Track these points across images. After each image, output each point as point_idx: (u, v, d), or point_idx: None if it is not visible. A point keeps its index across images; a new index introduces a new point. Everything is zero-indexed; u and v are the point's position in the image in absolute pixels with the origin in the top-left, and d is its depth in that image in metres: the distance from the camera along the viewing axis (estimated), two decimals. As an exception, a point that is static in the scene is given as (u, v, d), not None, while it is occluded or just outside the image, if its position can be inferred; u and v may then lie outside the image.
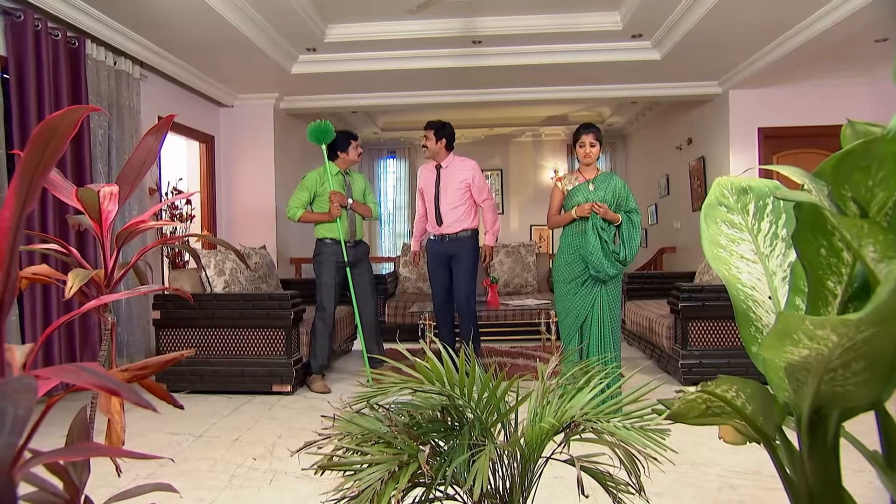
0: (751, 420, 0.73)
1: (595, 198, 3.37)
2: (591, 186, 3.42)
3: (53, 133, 0.63)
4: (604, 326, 3.38)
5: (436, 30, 4.98)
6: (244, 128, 6.42)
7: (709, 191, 0.93)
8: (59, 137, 0.63)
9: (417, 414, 1.21)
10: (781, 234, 0.84)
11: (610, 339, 3.38)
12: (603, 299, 3.38)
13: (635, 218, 3.41)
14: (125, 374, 0.67)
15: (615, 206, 3.38)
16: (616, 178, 3.47)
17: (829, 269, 0.66)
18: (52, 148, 0.64)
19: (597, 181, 3.43)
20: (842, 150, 0.64)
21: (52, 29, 3.87)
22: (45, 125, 0.62)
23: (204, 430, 3.16)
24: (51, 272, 1.21)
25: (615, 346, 3.39)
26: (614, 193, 3.38)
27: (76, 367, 0.57)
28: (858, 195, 0.64)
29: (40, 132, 0.63)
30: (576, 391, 1.26)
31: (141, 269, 1.34)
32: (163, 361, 0.67)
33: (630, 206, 3.42)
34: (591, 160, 3.41)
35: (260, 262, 4.78)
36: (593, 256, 3.31)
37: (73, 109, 0.62)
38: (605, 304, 3.38)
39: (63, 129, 0.63)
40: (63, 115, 0.62)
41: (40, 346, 0.75)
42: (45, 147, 0.64)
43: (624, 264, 3.38)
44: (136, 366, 0.68)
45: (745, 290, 0.83)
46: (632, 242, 3.38)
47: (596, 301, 3.38)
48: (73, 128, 0.65)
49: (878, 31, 4.48)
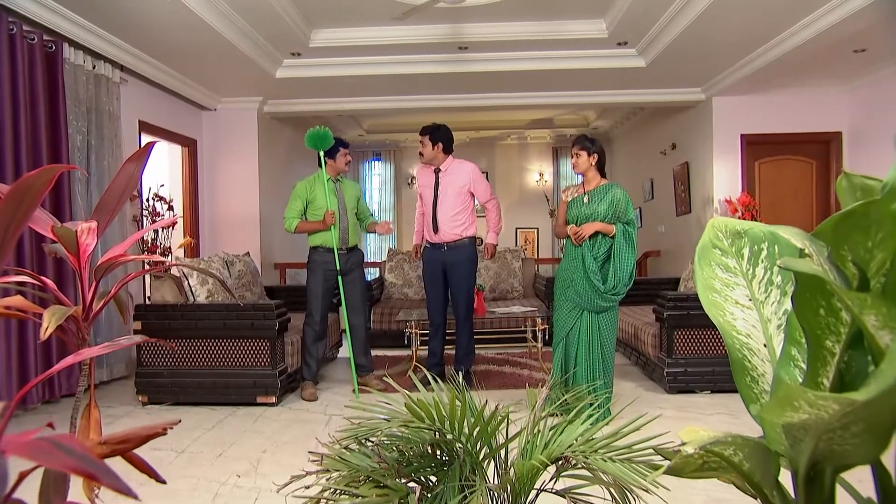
0: (747, 476, 0.73)
1: (587, 211, 3.33)
2: (585, 199, 3.38)
3: (28, 191, 0.60)
4: (592, 351, 3.29)
5: (422, 36, 4.95)
6: (228, 131, 6.33)
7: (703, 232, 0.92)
8: (33, 195, 0.60)
9: (407, 449, 1.19)
10: (776, 281, 0.83)
11: (599, 365, 3.28)
12: (591, 325, 3.30)
13: (631, 231, 3.27)
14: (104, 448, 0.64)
15: (614, 217, 3.30)
16: (616, 189, 3.35)
17: (827, 328, 0.65)
18: (26, 205, 0.61)
19: (592, 193, 3.37)
20: (841, 211, 0.64)
21: (28, 32, 3.77)
22: (20, 184, 0.59)
23: (187, 446, 3.10)
24: (25, 305, 1.17)
25: (605, 373, 3.29)
26: (610, 204, 3.30)
27: (51, 443, 0.54)
28: (858, 256, 0.63)
29: (15, 190, 0.60)
30: (566, 423, 1.25)
31: (122, 299, 1.30)
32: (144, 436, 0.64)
33: (627, 218, 3.29)
34: (577, 170, 3.44)
35: (244, 270, 4.72)
36: (579, 285, 3.29)
37: (48, 169, 0.59)
38: (595, 331, 3.29)
39: (38, 186, 0.60)
40: (39, 173, 0.59)
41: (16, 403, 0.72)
42: (19, 204, 0.61)
43: (615, 295, 3.24)
44: (116, 438, 0.65)
45: (740, 338, 0.82)
46: (623, 263, 3.23)
47: (584, 324, 3.30)
48: (48, 184, 0.62)
49: (857, 42, 4.56)
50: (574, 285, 3.32)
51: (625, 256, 3.24)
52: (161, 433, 0.68)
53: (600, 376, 3.27)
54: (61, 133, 4.00)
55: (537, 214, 10.17)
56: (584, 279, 3.27)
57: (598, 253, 3.31)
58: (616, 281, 3.23)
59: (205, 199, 6.26)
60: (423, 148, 4.05)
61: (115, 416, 3.66)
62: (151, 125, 5.31)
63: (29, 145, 3.76)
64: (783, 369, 0.78)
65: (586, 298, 3.27)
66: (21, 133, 3.69)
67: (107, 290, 1.35)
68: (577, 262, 3.32)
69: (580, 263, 3.30)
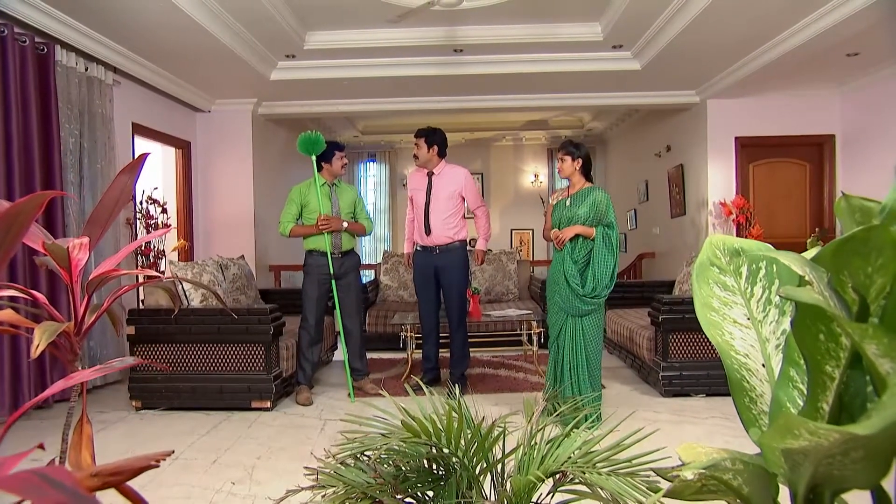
0: (746, 500, 0.72)
1: (569, 214, 3.37)
2: (567, 202, 3.43)
3: (17, 217, 0.58)
4: (576, 355, 3.30)
5: (417, 38, 4.94)
6: (222, 133, 6.29)
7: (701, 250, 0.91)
8: (22, 221, 0.59)
9: (403, 464, 1.18)
10: (775, 301, 0.83)
11: (585, 371, 3.28)
12: (575, 329, 3.32)
13: (611, 234, 3.28)
14: (96, 480, 0.62)
15: (596, 220, 3.33)
16: (597, 192, 3.38)
17: (827, 353, 0.65)
18: (14, 231, 0.60)
19: (574, 197, 3.41)
20: (841, 237, 0.63)
21: (19, 35, 3.74)
22: (9, 211, 0.58)
23: (181, 452, 3.08)
24: (16, 319, 1.15)
25: (592, 379, 3.30)
26: (591, 207, 3.32)
27: (41, 478, 0.53)
28: (857, 281, 0.63)
29: (4, 217, 0.58)
30: (563, 436, 1.25)
31: (115, 312, 1.29)
32: (136, 468, 0.63)
33: (607, 220, 3.31)
34: (562, 174, 3.50)
35: (238, 273, 4.69)
36: (561, 289, 3.33)
37: (37, 196, 0.58)
38: (578, 335, 3.31)
39: (27, 212, 0.59)
40: (28, 200, 0.58)
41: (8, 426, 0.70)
42: (6, 232, 0.59)
43: (595, 298, 3.25)
44: (107, 470, 0.63)
45: (738, 357, 0.82)
46: (602, 266, 3.24)
47: (568, 328, 3.33)
48: (37, 209, 0.61)
49: (850, 46, 4.58)
50: (558, 289, 3.37)
51: (603, 259, 3.26)
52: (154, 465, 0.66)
53: (586, 381, 3.28)
54: (53, 136, 3.96)
55: (532, 215, 10.17)
56: (565, 282, 3.32)
57: (578, 256, 3.35)
58: (595, 283, 3.24)
59: (199, 201, 6.23)
60: (417, 150, 4.06)
61: (108, 421, 3.63)
62: (145, 127, 5.28)
63: (20, 149, 3.73)
64: (782, 390, 0.78)
65: (567, 302, 3.32)
66: (12, 137, 3.66)
67: (100, 303, 1.34)
68: (560, 265, 3.38)
69: (562, 266, 3.36)
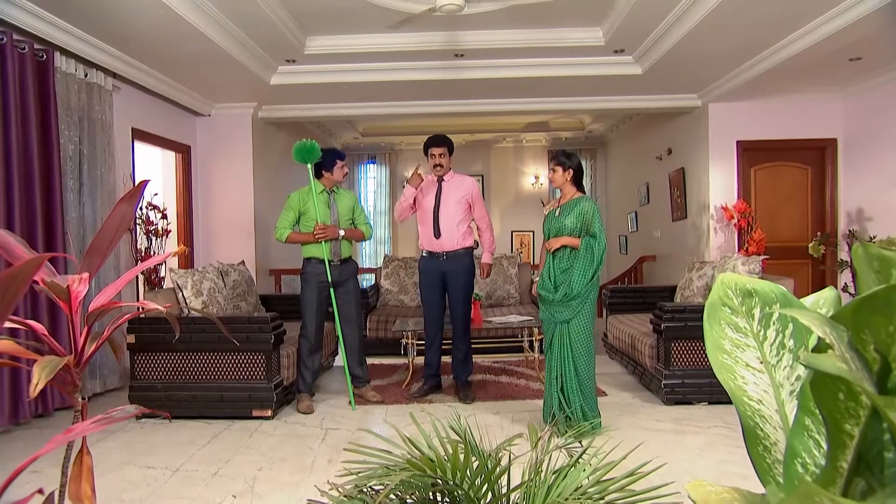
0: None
1: (557, 225, 3.41)
2: (557, 213, 3.47)
3: (13, 280, 0.57)
4: (564, 365, 3.29)
5: (418, 43, 4.92)
6: (222, 137, 6.27)
7: (712, 289, 0.90)
8: (18, 284, 0.58)
9: (408, 497, 1.16)
10: (788, 345, 0.81)
11: (575, 383, 3.26)
12: (562, 336, 3.32)
13: (593, 244, 3.27)
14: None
15: (583, 230, 3.36)
16: (584, 202, 3.39)
17: (847, 412, 0.64)
18: (10, 294, 0.58)
19: (564, 207, 3.45)
20: (861, 295, 0.62)
21: (18, 41, 3.72)
22: (6, 274, 0.56)
23: (181, 463, 3.07)
24: (16, 350, 1.14)
25: (583, 392, 3.26)
26: (577, 217, 3.35)
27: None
28: (879, 340, 0.62)
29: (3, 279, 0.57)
30: (569, 466, 1.23)
31: (116, 341, 1.27)
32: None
33: (592, 230, 3.31)
34: (554, 184, 3.55)
35: (239, 280, 4.68)
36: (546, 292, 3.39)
37: (35, 259, 0.56)
38: (565, 342, 3.30)
39: (24, 275, 0.57)
40: (25, 264, 0.56)
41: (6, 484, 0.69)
42: (4, 293, 0.58)
43: (569, 301, 3.27)
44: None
45: (751, 404, 0.80)
46: (579, 275, 3.27)
47: (556, 336, 3.35)
48: (35, 270, 0.59)
49: (853, 51, 4.56)
50: (543, 297, 3.44)
51: (582, 271, 3.28)
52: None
53: (576, 394, 3.26)
54: (53, 143, 3.94)
55: (533, 217, 10.15)
56: (545, 290, 3.40)
57: (561, 266, 3.38)
58: (568, 290, 3.28)
59: (199, 205, 6.21)
60: (442, 159, 4.08)
61: (108, 430, 3.62)
62: (145, 132, 5.25)
63: (20, 156, 3.71)
64: (797, 439, 0.76)
65: (548, 309, 3.38)
66: (12, 143, 3.64)
67: (101, 330, 1.32)
68: (546, 273, 3.46)
69: (545, 273, 3.45)
